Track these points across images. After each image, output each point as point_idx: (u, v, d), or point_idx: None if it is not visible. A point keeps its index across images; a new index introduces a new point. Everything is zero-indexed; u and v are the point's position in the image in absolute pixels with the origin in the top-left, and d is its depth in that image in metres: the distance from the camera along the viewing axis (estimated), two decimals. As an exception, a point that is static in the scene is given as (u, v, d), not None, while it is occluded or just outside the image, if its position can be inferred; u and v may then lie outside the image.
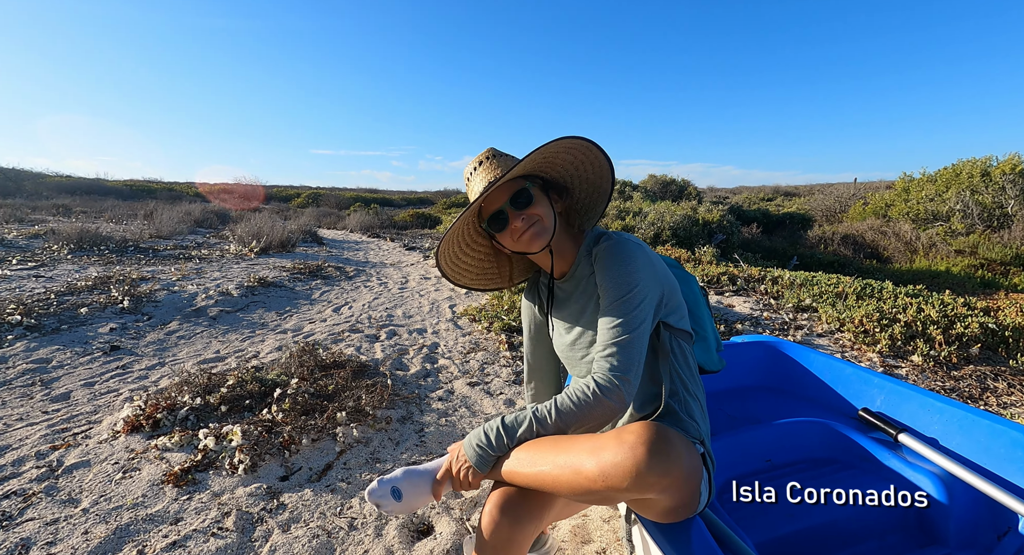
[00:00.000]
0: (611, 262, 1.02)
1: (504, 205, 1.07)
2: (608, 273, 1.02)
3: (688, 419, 1.05)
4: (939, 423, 1.42)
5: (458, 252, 1.20)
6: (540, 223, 1.07)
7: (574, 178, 1.15)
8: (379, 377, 2.63)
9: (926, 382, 2.43)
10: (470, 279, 1.27)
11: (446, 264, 1.19)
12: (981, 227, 8.34)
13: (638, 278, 0.99)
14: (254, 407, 2.22)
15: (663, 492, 0.85)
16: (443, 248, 1.14)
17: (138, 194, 20.29)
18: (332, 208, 19.02)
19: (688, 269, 2.78)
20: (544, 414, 0.98)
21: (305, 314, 4.01)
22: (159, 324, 3.48)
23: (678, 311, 1.09)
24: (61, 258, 5.42)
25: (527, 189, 1.07)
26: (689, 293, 1.25)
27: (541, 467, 0.93)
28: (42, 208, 11.71)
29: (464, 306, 4.25)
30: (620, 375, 0.95)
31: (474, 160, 1.12)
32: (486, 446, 1.01)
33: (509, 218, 1.07)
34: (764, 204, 15.84)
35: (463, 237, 1.17)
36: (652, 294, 1.01)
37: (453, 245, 1.16)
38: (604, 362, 0.97)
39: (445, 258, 1.17)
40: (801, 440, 1.54)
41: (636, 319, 0.98)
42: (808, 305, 3.54)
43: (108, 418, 2.15)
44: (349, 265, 6.44)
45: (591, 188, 1.18)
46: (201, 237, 8.32)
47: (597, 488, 0.85)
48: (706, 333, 1.26)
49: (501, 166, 1.08)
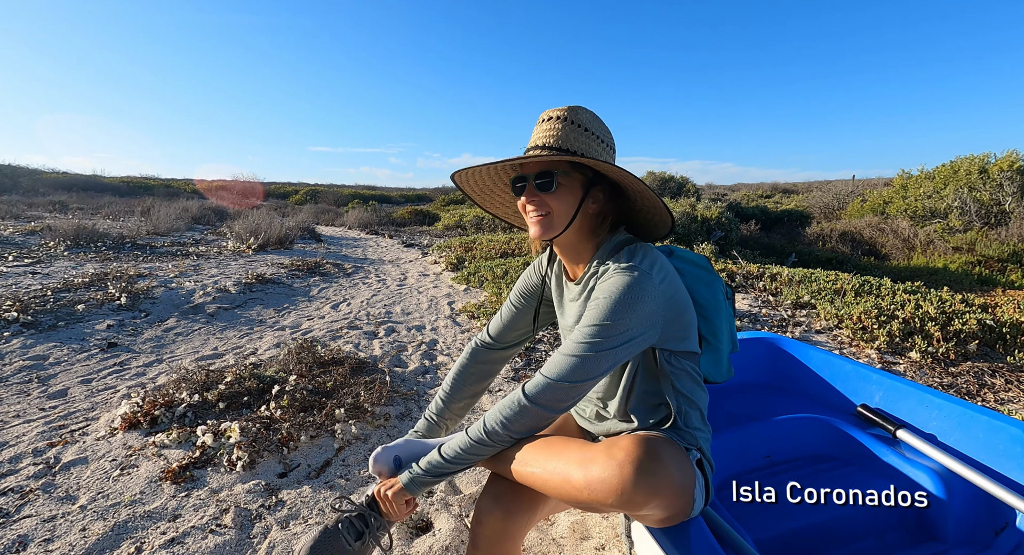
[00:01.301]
0: (610, 292, 0.93)
1: (530, 177, 1.00)
2: (600, 300, 0.94)
3: (686, 428, 1.03)
4: (938, 419, 1.42)
5: (491, 187, 1.17)
6: (549, 217, 1.00)
7: (638, 196, 1.03)
8: (377, 374, 2.63)
9: (924, 379, 2.44)
10: (504, 212, 1.25)
11: (473, 190, 1.16)
12: (979, 224, 8.36)
13: (631, 314, 0.91)
14: (252, 404, 2.21)
15: (652, 509, 0.84)
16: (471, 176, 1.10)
17: (135, 191, 20.21)
18: (330, 205, 18.98)
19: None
20: (480, 434, 0.97)
21: (303, 311, 4.01)
22: (156, 321, 3.46)
23: (682, 336, 1.02)
24: (58, 255, 5.40)
25: (555, 177, 0.98)
26: (711, 298, 1.17)
27: (532, 469, 0.92)
28: (38, 205, 11.66)
29: (463, 303, 4.25)
30: (554, 382, 0.92)
31: (549, 111, 1.01)
32: (426, 474, 1.00)
33: (526, 192, 1.01)
34: (762, 201, 15.85)
35: (499, 176, 1.13)
36: (638, 337, 0.93)
37: (487, 180, 1.13)
38: (549, 364, 0.94)
39: (471, 183, 1.14)
40: (800, 437, 1.55)
41: (607, 343, 0.91)
42: (807, 302, 3.54)
43: (106, 415, 2.14)
44: (347, 262, 6.42)
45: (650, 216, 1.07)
46: (199, 234, 8.29)
47: (584, 499, 0.85)
48: (719, 342, 1.19)
49: (560, 135, 0.98)
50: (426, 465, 1.01)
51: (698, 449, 1.03)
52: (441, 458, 0.99)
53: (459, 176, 1.11)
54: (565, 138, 0.98)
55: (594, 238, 1.07)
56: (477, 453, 0.97)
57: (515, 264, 5.05)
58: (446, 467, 0.99)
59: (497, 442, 0.96)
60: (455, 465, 0.98)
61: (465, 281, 5.02)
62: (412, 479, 1.01)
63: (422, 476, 1.00)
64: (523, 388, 0.94)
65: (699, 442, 1.04)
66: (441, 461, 0.99)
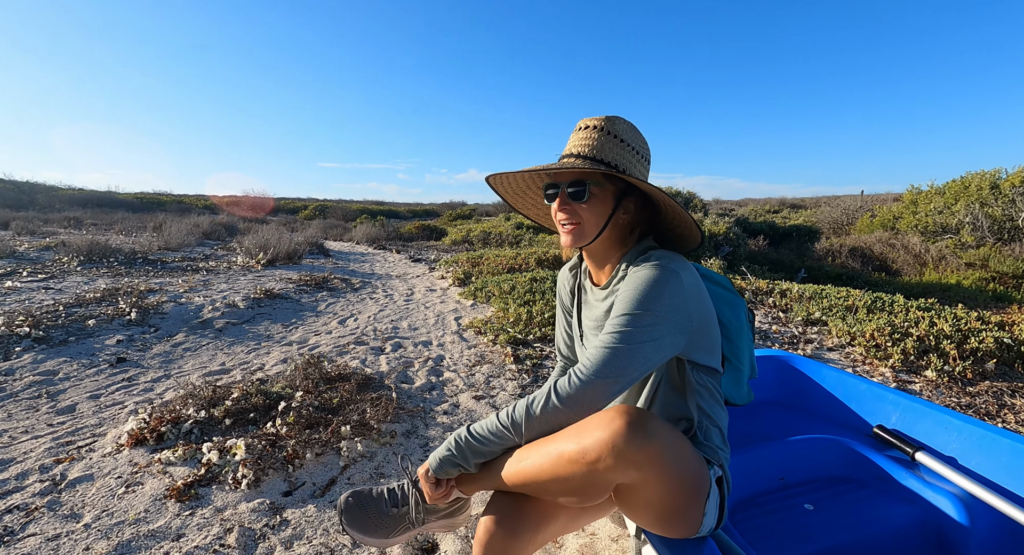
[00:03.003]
0: (637, 283, 0.93)
1: (563, 185, 1.01)
2: (628, 291, 0.94)
3: (707, 443, 1.03)
4: (957, 441, 1.39)
5: (525, 189, 1.18)
6: (580, 226, 1.01)
7: (668, 208, 1.03)
8: (384, 390, 2.61)
9: (941, 398, 2.38)
10: (535, 214, 1.26)
11: (507, 191, 1.18)
12: (992, 240, 8.26)
13: (659, 305, 0.91)
14: (258, 420, 2.20)
15: (644, 470, 0.82)
16: (504, 180, 1.13)
17: (148, 206, 20.56)
18: (339, 220, 19.17)
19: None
20: (507, 419, 0.96)
21: (311, 326, 4.01)
22: (165, 336, 3.48)
23: (707, 349, 1.01)
24: (71, 270, 5.47)
25: (587, 187, 0.98)
26: (734, 319, 1.18)
27: (524, 462, 0.92)
28: (54, 220, 11.87)
29: (470, 318, 4.24)
30: (589, 376, 0.90)
31: (587, 120, 1.02)
32: (448, 451, 1.01)
33: (558, 200, 1.02)
34: (770, 216, 15.80)
35: (533, 180, 1.15)
36: (671, 324, 0.92)
37: (521, 183, 1.16)
38: (582, 361, 0.93)
39: (506, 186, 1.16)
40: (815, 458, 1.51)
41: (638, 336, 0.90)
42: (818, 318, 3.50)
43: (112, 431, 2.14)
44: (355, 277, 6.45)
45: (678, 230, 1.07)
46: (209, 249, 8.39)
47: (578, 470, 0.83)
48: (741, 363, 1.19)
49: (591, 148, 0.99)
50: (452, 442, 1.02)
51: (719, 465, 1.01)
52: (469, 435, 1.00)
53: (493, 179, 1.13)
54: (600, 148, 0.99)
55: (622, 246, 1.08)
56: (501, 439, 0.96)
57: (522, 279, 5.04)
58: (471, 446, 0.99)
59: (518, 435, 0.95)
60: (479, 445, 0.98)
61: (472, 296, 5.02)
62: (437, 458, 1.03)
63: (446, 454, 1.02)
64: (555, 385, 0.92)
65: (720, 459, 1.02)
66: (468, 438, 0.99)
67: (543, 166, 1.01)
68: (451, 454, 1.01)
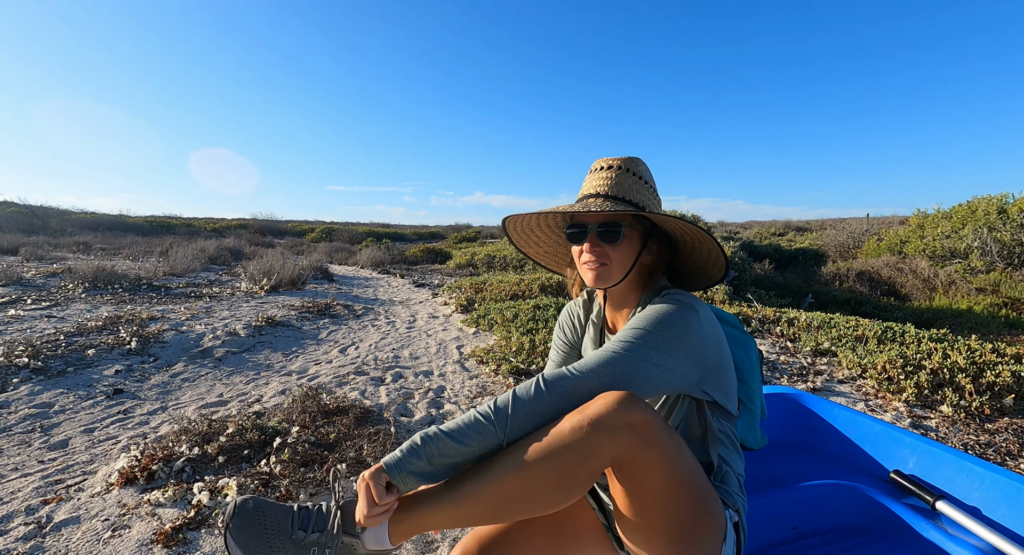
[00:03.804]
0: (653, 311, 0.91)
1: (591, 226, 0.99)
2: (641, 316, 0.92)
3: (723, 485, 0.98)
4: (980, 490, 1.31)
5: (534, 227, 1.15)
6: (607, 268, 0.99)
7: (688, 247, 1.04)
8: (382, 424, 2.55)
9: (959, 435, 2.29)
10: (536, 252, 1.23)
11: (514, 230, 1.15)
12: (1001, 265, 8.16)
13: (673, 331, 0.87)
14: (252, 457, 2.15)
15: (642, 435, 0.76)
16: (518, 219, 1.10)
17: (157, 230, 20.83)
18: (345, 243, 19.32)
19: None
20: (489, 408, 0.83)
21: (311, 355, 3.97)
22: (164, 366, 3.45)
23: (725, 391, 0.99)
24: (75, 297, 5.49)
25: (622, 229, 0.97)
26: (746, 360, 1.16)
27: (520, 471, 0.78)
28: (63, 245, 12.02)
29: (472, 347, 4.19)
30: (584, 371, 0.84)
31: (607, 160, 1.02)
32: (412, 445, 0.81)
33: (586, 241, 0.99)
34: (775, 239, 15.76)
35: (547, 218, 1.12)
36: (683, 354, 0.88)
37: (532, 220, 1.12)
38: (578, 362, 0.88)
39: (516, 225, 1.13)
40: (830, 505, 1.43)
41: (645, 352, 0.85)
42: (827, 349, 3.42)
43: (104, 468, 2.09)
44: (358, 303, 6.44)
45: (697, 267, 1.07)
46: (214, 274, 8.43)
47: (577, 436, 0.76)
48: (754, 406, 1.17)
49: (617, 188, 0.98)
50: (418, 437, 0.82)
51: (736, 510, 0.96)
52: (440, 430, 0.82)
53: (511, 220, 1.11)
54: (628, 189, 0.98)
55: (642, 288, 1.07)
56: (479, 433, 0.81)
57: (525, 306, 5.00)
58: (441, 442, 0.80)
59: (500, 426, 0.81)
60: (452, 441, 0.80)
61: (475, 324, 4.98)
62: (397, 453, 0.81)
63: (408, 448, 0.81)
64: (542, 374, 0.87)
65: (737, 505, 0.97)
66: (439, 432, 0.81)
67: (571, 207, 0.98)
68: (415, 448, 0.81)
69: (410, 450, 0.81)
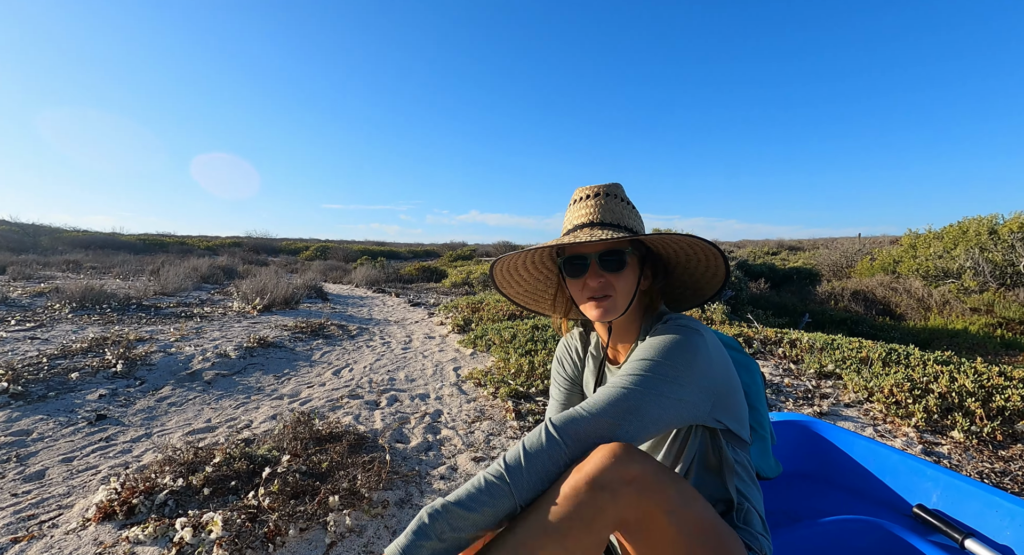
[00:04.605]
0: (659, 340, 0.87)
1: (592, 256, 0.94)
2: (648, 345, 0.87)
3: (746, 528, 0.91)
4: (1011, 528, 1.25)
5: (519, 267, 1.10)
6: (612, 300, 0.94)
7: (680, 266, 1.02)
8: (377, 452, 2.45)
9: (972, 463, 2.22)
10: (516, 292, 1.17)
11: (499, 271, 1.09)
12: (994, 285, 8.21)
13: (683, 360, 0.84)
14: (240, 489, 2.04)
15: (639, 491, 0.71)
16: (506, 261, 1.05)
17: (151, 248, 20.66)
18: (340, 261, 19.21)
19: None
20: (499, 465, 0.77)
21: (304, 377, 3.86)
22: (151, 390, 3.33)
23: (738, 418, 0.94)
24: (61, 318, 5.35)
25: (624, 255, 0.93)
26: (752, 383, 1.11)
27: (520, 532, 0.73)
28: (53, 264, 11.85)
29: (469, 369, 4.09)
30: (593, 411, 0.79)
31: (589, 188, 0.98)
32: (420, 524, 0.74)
33: (588, 272, 0.94)
34: (769, 258, 15.84)
35: (531, 256, 1.07)
36: (695, 383, 0.84)
37: (517, 261, 1.07)
38: (585, 402, 0.83)
39: (503, 266, 1.08)
40: (854, 542, 1.36)
41: (656, 384, 0.81)
42: (831, 371, 3.36)
43: (81, 501, 1.97)
44: (352, 323, 6.33)
45: (694, 284, 1.05)
46: (206, 293, 8.30)
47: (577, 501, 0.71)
48: (765, 431, 1.11)
49: (610, 214, 0.95)
50: (424, 513, 0.74)
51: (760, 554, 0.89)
52: (446, 502, 0.75)
53: (500, 263, 1.05)
54: (619, 215, 0.95)
55: (643, 316, 1.03)
56: (491, 495, 0.74)
57: (523, 327, 4.93)
58: (451, 512, 0.73)
59: (515, 484, 0.75)
60: (463, 510, 0.73)
61: (472, 345, 4.89)
62: (404, 546, 0.72)
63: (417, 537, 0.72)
64: (548, 418, 0.81)
65: (762, 548, 0.90)
66: (446, 504, 0.74)
67: (567, 240, 0.92)
68: (422, 527, 0.73)
69: (417, 531, 0.73)
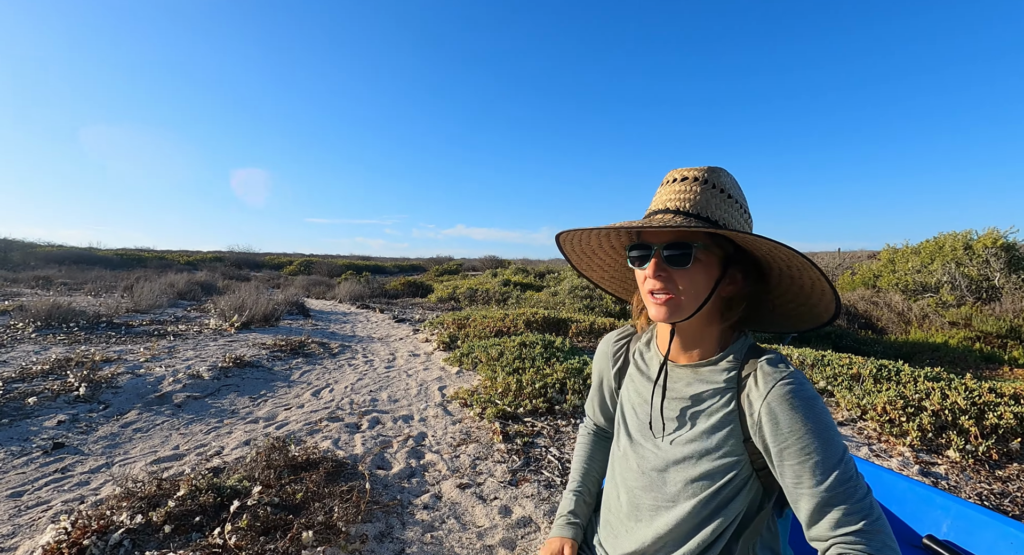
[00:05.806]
0: (809, 416, 0.75)
1: (656, 246, 0.82)
2: (807, 429, 0.75)
3: None
4: (1028, 562, 1.18)
5: (596, 248, 0.99)
6: (675, 299, 0.81)
7: (785, 281, 0.86)
8: (356, 480, 2.32)
9: (970, 484, 2.17)
10: (600, 276, 1.07)
11: (572, 250, 1.00)
12: (971, 299, 8.36)
13: (842, 443, 0.76)
14: (205, 525, 1.89)
15: None
16: (573, 236, 0.94)
17: (128, 263, 20.11)
18: (323, 276, 18.91)
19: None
20: None
21: (281, 399, 3.70)
22: (115, 414, 3.14)
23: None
24: (24, 338, 5.09)
25: (693, 250, 0.79)
26: None
27: None
28: (22, 280, 11.42)
29: (455, 388, 3.97)
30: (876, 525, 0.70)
31: (681, 170, 0.84)
32: None
33: (650, 265, 0.82)
34: (752, 274, 16.00)
35: (608, 238, 0.95)
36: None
37: (592, 239, 0.96)
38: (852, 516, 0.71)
39: (574, 244, 0.97)
40: (861, 579, 1.28)
41: (851, 468, 0.74)
42: (823, 388, 3.32)
43: (27, 543, 1.80)
44: (334, 340, 6.16)
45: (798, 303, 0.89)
46: (182, 310, 8.03)
47: None
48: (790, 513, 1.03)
49: (699, 200, 0.80)
50: None
51: None
52: None
53: (565, 236, 0.95)
54: (705, 204, 0.80)
55: (720, 324, 0.88)
56: None
57: (510, 344, 4.82)
58: None
59: None
60: None
61: (458, 362, 4.77)
62: None
63: None
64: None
65: None
66: None
67: (633, 223, 0.82)
68: None
69: None
